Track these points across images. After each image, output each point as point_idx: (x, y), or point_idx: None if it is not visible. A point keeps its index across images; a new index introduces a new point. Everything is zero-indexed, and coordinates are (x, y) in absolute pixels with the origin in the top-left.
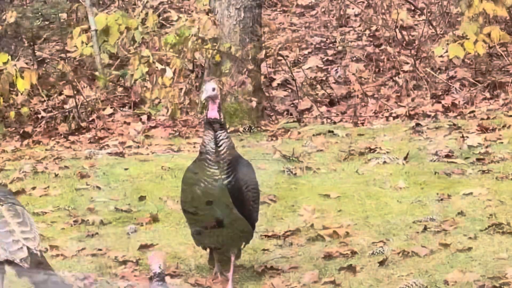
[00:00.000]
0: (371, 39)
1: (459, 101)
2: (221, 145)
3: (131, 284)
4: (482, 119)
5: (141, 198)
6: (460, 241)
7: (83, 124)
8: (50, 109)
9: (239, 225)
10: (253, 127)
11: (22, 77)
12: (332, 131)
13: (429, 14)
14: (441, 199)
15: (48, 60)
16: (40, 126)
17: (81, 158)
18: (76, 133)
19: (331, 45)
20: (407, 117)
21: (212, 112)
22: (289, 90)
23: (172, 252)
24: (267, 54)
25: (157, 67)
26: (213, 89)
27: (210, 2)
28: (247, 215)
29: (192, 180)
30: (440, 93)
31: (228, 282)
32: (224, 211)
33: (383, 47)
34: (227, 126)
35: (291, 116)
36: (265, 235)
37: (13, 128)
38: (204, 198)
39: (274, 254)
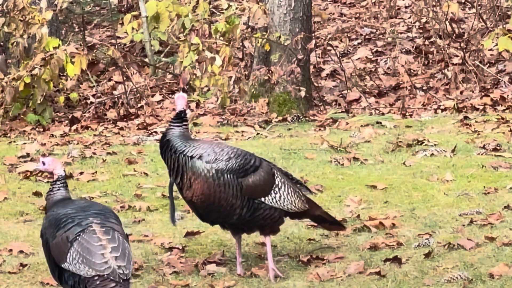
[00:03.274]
0: (421, 31)
1: (507, 95)
2: None
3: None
4: None
5: None
6: (506, 235)
7: (132, 110)
8: (99, 94)
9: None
10: (301, 117)
11: (72, 63)
12: (380, 122)
13: (479, 7)
14: (488, 193)
15: (98, 45)
16: (89, 112)
17: (129, 144)
18: (125, 119)
19: (380, 36)
20: (455, 110)
21: None
22: (338, 81)
23: (218, 240)
24: (317, 44)
25: (206, 55)
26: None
27: None
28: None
29: None
30: (488, 87)
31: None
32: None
33: (432, 39)
34: (275, 116)
35: (340, 107)
36: (311, 225)
37: (62, 113)
38: None
39: (320, 244)
